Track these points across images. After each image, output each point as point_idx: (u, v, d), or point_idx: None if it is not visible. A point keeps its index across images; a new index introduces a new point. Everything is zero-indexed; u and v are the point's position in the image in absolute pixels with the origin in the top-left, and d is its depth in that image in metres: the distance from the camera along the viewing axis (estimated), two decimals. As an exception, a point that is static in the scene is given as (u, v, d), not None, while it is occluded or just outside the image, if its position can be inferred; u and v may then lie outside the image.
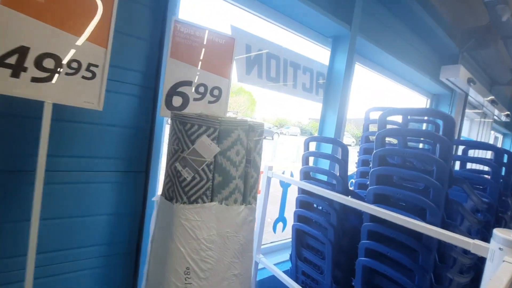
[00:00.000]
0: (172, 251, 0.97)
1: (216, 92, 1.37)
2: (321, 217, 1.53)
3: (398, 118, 1.44)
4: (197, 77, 1.31)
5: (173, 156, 0.99)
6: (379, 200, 1.29)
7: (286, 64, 2.21)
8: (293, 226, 1.69)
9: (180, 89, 1.28)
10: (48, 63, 0.92)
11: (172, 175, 0.99)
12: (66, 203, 1.27)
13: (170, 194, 1.00)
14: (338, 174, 1.47)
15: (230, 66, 1.41)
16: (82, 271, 1.37)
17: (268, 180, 1.77)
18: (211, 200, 0.99)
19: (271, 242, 2.55)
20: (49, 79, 0.93)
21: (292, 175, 2.26)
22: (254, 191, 1.15)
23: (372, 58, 2.81)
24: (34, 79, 0.90)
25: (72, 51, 0.96)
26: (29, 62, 0.89)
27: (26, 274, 0.97)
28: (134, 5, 1.34)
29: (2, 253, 1.13)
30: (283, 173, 2.15)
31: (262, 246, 2.40)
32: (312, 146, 2.29)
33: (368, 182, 1.36)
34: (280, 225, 2.49)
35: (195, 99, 1.32)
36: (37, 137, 0.96)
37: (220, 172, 0.98)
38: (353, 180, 1.93)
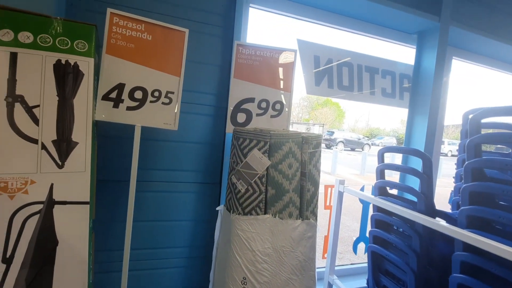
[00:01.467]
0: (230, 259, 1.03)
1: (278, 106, 1.41)
2: (401, 240, 1.33)
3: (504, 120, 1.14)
4: (259, 93, 1.38)
5: (231, 169, 1.07)
6: (475, 224, 1.03)
7: (361, 70, 2.06)
8: (368, 247, 1.52)
9: (243, 106, 1.38)
10: (138, 94, 1.16)
11: (231, 188, 1.06)
12: (154, 208, 1.52)
13: (229, 205, 1.08)
14: (420, 191, 1.26)
15: (292, 79, 1.43)
16: (166, 268, 1.59)
17: (340, 195, 1.67)
18: (265, 213, 1.01)
19: (352, 264, 2.34)
20: (138, 107, 1.16)
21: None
22: (312, 205, 1.11)
23: (475, 49, 2.32)
24: (128, 108, 1.15)
25: (154, 83, 1.18)
26: (125, 95, 1.14)
27: (123, 266, 1.19)
28: (204, 37, 1.54)
29: (106, 246, 1.44)
30: (363, 187, 1.97)
31: (342, 267, 2.23)
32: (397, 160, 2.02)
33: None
34: (361, 245, 2.26)
35: (257, 115, 1.39)
36: (131, 153, 1.21)
37: (273, 185, 0.99)
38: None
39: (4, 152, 0.88)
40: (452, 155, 14.31)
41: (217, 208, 1.22)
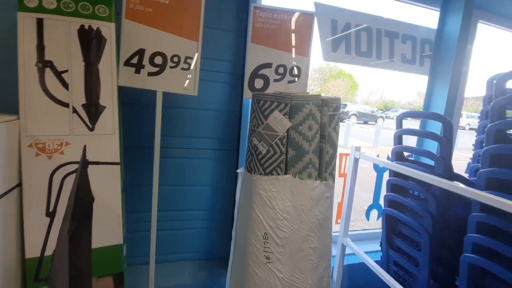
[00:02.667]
0: (252, 217, 1.09)
1: (295, 72, 1.39)
2: (416, 203, 1.35)
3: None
4: (276, 58, 1.37)
5: (252, 132, 1.10)
6: (494, 186, 1.04)
7: (380, 34, 1.98)
8: (383, 211, 1.56)
9: (261, 72, 1.37)
10: (158, 59, 1.17)
11: (251, 149, 1.10)
12: (176, 173, 1.59)
13: (250, 167, 1.12)
14: (438, 155, 1.26)
15: (309, 44, 1.40)
16: (189, 229, 1.70)
17: (356, 161, 1.68)
18: (285, 173, 1.04)
19: (364, 230, 2.42)
20: (159, 72, 1.18)
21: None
22: (330, 167, 1.14)
23: (504, 12, 2.16)
24: (150, 74, 1.17)
25: (173, 48, 1.19)
26: (145, 60, 1.16)
27: (151, 226, 1.28)
28: (222, 0, 1.50)
29: (136, 208, 1.53)
30: (377, 156, 1.98)
31: (354, 232, 2.31)
32: (415, 125, 2.00)
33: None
34: (374, 212, 2.32)
35: (275, 80, 1.38)
36: (154, 120, 1.25)
37: (293, 146, 1.02)
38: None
39: (39, 115, 0.93)
40: (470, 129, 13.86)
41: (237, 171, 1.27)
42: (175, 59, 1.20)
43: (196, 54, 1.22)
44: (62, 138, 0.96)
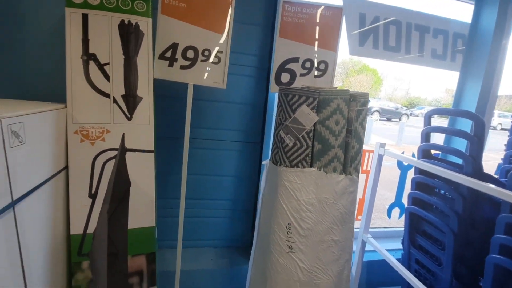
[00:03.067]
0: (277, 207, 1.12)
1: (322, 66, 1.40)
2: (442, 202, 1.33)
3: None
4: (303, 52, 1.38)
5: (278, 125, 1.13)
6: (528, 186, 1.01)
7: (410, 28, 1.92)
8: (406, 209, 1.55)
9: (288, 66, 1.39)
10: (190, 53, 1.22)
11: (278, 142, 1.13)
12: (203, 163, 1.66)
13: (276, 159, 1.15)
14: (468, 154, 1.23)
15: (337, 38, 1.40)
16: (214, 217, 1.77)
17: (380, 158, 1.67)
18: (311, 166, 1.07)
19: (384, 227, 2.40)
20: (190, 66, 1.23)
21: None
22: (355, 162, 1.15)
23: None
24: (182, 67, 1.22)
25: (204, 42, 1.23)
26: (178, 54, 1.21)
27: (179, 212, 1.35)
28: (250, -5, 1.52)
29: (166, 194, 1.62)
30: (402, 153, 1.95)
31: (374, 229, 2.30)
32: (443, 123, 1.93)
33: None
34: (396, 211, 2.29)
35: (301, 74, 1.40)
36: (183, 112, 1.31)
37: (319, 140, 1.04)
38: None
39: (83, 105, 1.01)
40: (502, 129, 13.06)
41: (263, 162, 1.30)
42: (206, 53, 1.24)
43: (226, 48, 1.25)
44: (104, 126, 1.04)
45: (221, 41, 1.25)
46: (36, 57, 1.17)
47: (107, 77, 1.03)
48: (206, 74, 1.25)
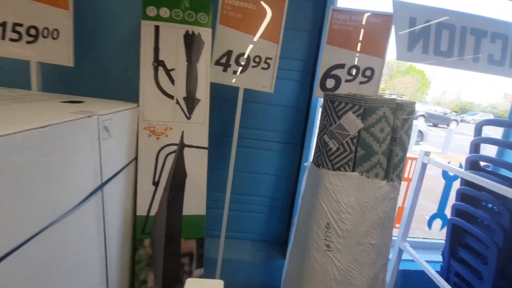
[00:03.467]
0: (317, 206, 1.19)
1: (368, 73, 1.42)
2: (488, 216, 1.29)
3: None
4: (349, 59, 1.41)
5: (322, 130, 1.19)
6: None
7: (465, 32, 1.84)
8: (449, 220, 1.51)
9: (333, 72, 1.43)
10: (242, 60, 1.33)
11: (321, 146, 1.19)
12: (247, 161, 1.77)
13: (318, 162, 1.21)
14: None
15: (386, 45, 1.41)
16: (253, 213, 1.88)
17: (423, 166, 1.64)
18: (353, 170, 1.11)
19: (423, 238, 2.32)
20: (242, 71, 1.34)
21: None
22: (398, 169, 1.16)
23: None
24: (234, 72, 1.34)
25: (256, 49, 1.33)
26: (232, 60, 1.33)
27: (224, 205, 1.48)
28: (299, 1, 1.59)
29: (214, 188, 1.76)
30: (448, 163, 1.88)
31: (412, 239, 2.23)
32: (497, 133, 1.82)
33: None
34: (437, 222, 2.21)
35: (347, 81, 1.43)
36: (233, 113, 1.42)
37: (363, 146, 1.08)
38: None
39: (152, 105, 1.17)
40: None
41: (304, 164, 1.37)
42: (257, 59, 1.34)
43: (275, 55, 1.34)
44: (167, 124, 1.19)
45: (272, 49, 1.33)
46: (115, 61, 1.37)
47: (172, 81, 1.18)
48: (256, 79, 1.35)
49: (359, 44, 1.40)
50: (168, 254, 1.20)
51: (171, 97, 1.19)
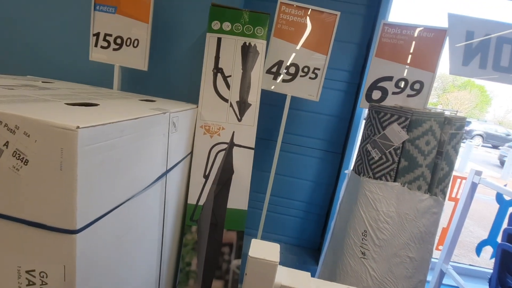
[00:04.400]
0: (354, 213, 1.22)
1: (417, 86, 1.42)
2: (549, 244, 1.19)
3: None
4: (398, 72, 1.43)
5: (365, 139, 1.23)
6: None
7: (531, 48, 1.72)
8: (499, 245, 1.41)
9: (380, 84, 1.46)
10: (292, 69, 1.43)
11: (363, 154, 1.23)
12: (288, 165, 1.86)
13: (359, 170, 1.25)
14: None
15: (437, 59, 1.40)
16: (290, 216, 1.95)
17: (473, 186, 1.57)
18: (394, 181, 1.13)
19: (470, 265, 2.16)
20: (291, 80, 1.44)
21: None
22: (443, 184, 1.15)
23: None
24: (283, 80, 1.44)
25: (305, 60, 1.42)
26: (282, 70, 1.43)
27: (263, 206, 1.57)
28: (347, 15, 1.65)
29: (255, 188, 1.87)
30: (505, 186, 1.75)
31: (457, 264, 2.10)
32: None
33: None
34: (487, 249, 2.05)
35: (394, 93, 1.45)
36: (279, 118, 1.52)
37: (406, 157, 1.09)
38: None
39: (209, 106, 1.32)
40: None
41: (345, 171, 1.41)
42: (305, 69, 1.43)
43: (324, 66, 1.42)
44: (221, 124, 1.32)
45: (320, 60, 1.41)
46: (181, 67, 1.57)
47: (228, 86, 1.32)
48: (303, 87, 1.43)
49: (409, 57, 1.42)
50: (211, 241, 1.32)
51: (226, 100, 1.32)
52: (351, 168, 1.37)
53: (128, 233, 0.82)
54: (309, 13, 1.40)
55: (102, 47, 1.40)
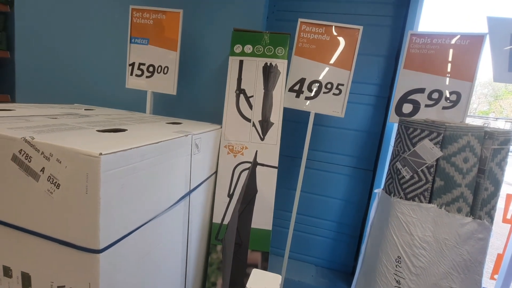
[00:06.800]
0: (386, 236, 1.13)
1: (453, 97, 1.32)
2: None
3: None
4: (431, 84, 1.34)
5: (395, 156, 1.15)
6: None
7: None
8: None
9: (411, 97, 1.38)
10: (314, 86, 1.42)
11: (393, 173, 1.15)
12: (315, 183, 1.81)
13: (389, 189, 1.17)
14: None
15: (475, 68, 1.29)
16: (319, 236, 1.87)
17: (531, 207, 1.37)
18: (429, 202, 1.03)
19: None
20: (314, 97, 1.43)
21: None
22: (488, 206, 1.02)
23: None
24: (306, 98, 1.43)
25: (328, 76, 1.40)
26: (304, 87, 1.43)
27: (290, 225, 1.53)
28: (372, 28, 1.61)
29: (280, 206, 1.84)
30: None
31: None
32: None
33: None
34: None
35: (426, 105, 1.36)
36: (304, 135, 1.50)
37: (442, 176, 1.00)
38: None
39: (232, 126, 1.35)
40: None
41: (375, 191, 1.33)
42: (329, 85, 1.41)
43: (348, 82, 1.38)
44: (244, 143, 1.34)
45: (344, 75, 1.38)
46: (206, 90, 1.65)
47: (250, 106, 1.35)
48: (327, 104, 1.41)
49: (442, 67, 1.32)
50: (236, 262, 1.31)
51: (248, 120, 1.35)
52: (382, 187, 1.28)
53: (150, 253, 0.85)
54: (331, 29, 1.39)
55: (136, 75, 1.53)
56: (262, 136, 1.34)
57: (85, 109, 1.36)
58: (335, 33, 1.39)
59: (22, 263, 0.72)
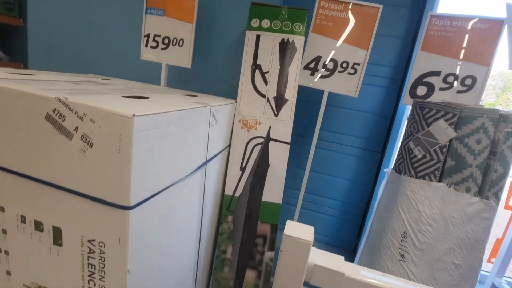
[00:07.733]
0: (393, 213, 1.18)
1: (468, 82, 1.32)
2: None
3: None
4: (447, 67, 1.34)
5: (408, 136, 1.17)
6: None
7: None
8: None
9: (426, 79, 1.38)
10: (330, 65, 1.42)
11: (404, 153, 1.17)
12: (324, 163, 1.84)
13: (400, 168, 1.20)
14: None
15: (493, 52, 1.28)
16: (324, 214, 1.92)
17: (535, 192, 1.40)
18: (439, 181, 1.07)
19: (531, 282, 1.93)
20: (329, 76, 1.43)
21: None
22: (496, 187, 1.05)
23: None
24: (321, 76, 1.43)
25: (344, 55, 1.40)
26: (320, 65, 1.43)
27: (298, 203, 1.58)
28: (390, 8, 1.58)
29: (289, 184, 1.88)
30: None
31: (511, 280, 1.89)
32: None
33: None
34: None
35: (441, 89, 1.36)
36: (316, 115, 1.51)
37: (454, 156, 1.02)
38: None
39: (247, 101, 1.37)
40: None
41: (384, 170, 1.36)
42: (344, 64, 1.40)
43: (364, 61, 1.38)
44: (258, 119, 1.36)
45: (360, 54, 1.38)
46: (221, 64, 1.64)
47: (265, 82, 1.36)
48: (342, 83, 1.41)
49: (460, 51, 1.32)
50: (246, 232, 1.37)
51: (263, 96, 1.36)
52: (391, 167, 1.32)
53: (172, 215, 0.89)
54: (349, 7, 1.37)
55: (151, 47, 1.52)
56: (276, 112, 1.36)
57: (101, 79, 1.37)
58: (354, 11, 1.37)
59: (53, 218, 0.76)
